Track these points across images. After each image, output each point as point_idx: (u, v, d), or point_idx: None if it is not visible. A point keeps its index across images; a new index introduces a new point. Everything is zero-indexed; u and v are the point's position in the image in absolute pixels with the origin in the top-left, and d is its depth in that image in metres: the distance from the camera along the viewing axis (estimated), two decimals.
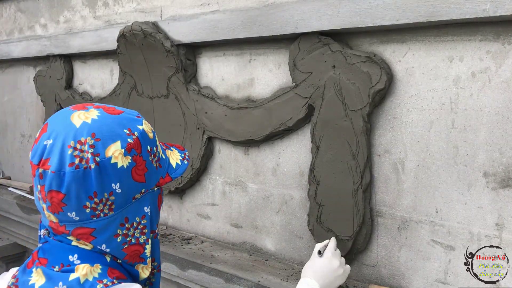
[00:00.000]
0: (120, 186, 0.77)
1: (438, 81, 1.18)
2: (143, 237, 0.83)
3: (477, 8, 1.04)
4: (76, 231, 0.77)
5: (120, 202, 0.78)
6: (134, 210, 0.81)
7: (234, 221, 1.69)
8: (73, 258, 0.78)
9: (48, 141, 0.75)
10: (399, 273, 1.29)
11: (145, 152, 0.80)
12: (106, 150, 0.75)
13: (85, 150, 0.74)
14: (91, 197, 0.75)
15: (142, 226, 0.82)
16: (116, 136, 0.77)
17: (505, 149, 1.09)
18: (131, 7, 1.93)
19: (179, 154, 0.93)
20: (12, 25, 2.68)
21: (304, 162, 1.46)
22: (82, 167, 0.73)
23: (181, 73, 1.70)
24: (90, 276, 0.76)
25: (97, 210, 0.76)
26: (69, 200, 0.74)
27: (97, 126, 0.76)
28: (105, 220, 0.77)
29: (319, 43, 1.34)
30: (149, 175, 0.82)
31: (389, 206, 1.30)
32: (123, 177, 0.77)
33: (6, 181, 2.83)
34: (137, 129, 0.80)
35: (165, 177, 0.86)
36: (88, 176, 0.74)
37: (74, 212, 0.76)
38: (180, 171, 0.89)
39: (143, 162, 0.80)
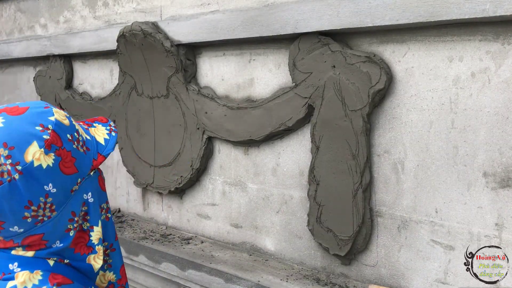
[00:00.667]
0: (54, 186, 0.73)
1: (438, 81, 1.18)
2: (86, 224, 0.81)
3: (476, 8, 1.04)
4: (26, 240, 0.75)
5: (59, 201, 0.75)
6: (76, 201, 0.78)
7: (234, 221, 1.69)
8: (13, 266, 0.75)
9: None
10: (399, 273, 1.29)
11: (67, 142, 0.76)
12: (25, 155, 0.70)
13: (2, 163, 0.69)
14: (27, 206, 0.71)
15: (83, 213, 0.80)
16: (30, 137, 0.72)
17: (504, 149, 1.09)
18: (131, 7, 1.94)
19: (103, 128, 0.89)
20: (12, 25, 2.68)
21: (304, 162, 1.46)
22: (6, 181, 0.69)
23: (181, 73, 1.70)
24: (29, 283, 0.73)
25: (38, 216, 0.73)
26: (5, 216, 0.71)
27: (6, 133, 0.71)
28: (51, 222, 0.75)
29: (319, 43, 1.34)
30: (79, 163, 0.78)
31: (389, 206, 1.30)
32: (53, 176, 0.73)
33: None
34: (49, 121, 0.75)
35: (97, 158, 0.83)
36: (15, 188, 0.70)
37: (16, 226, 0.73)
38: (111, 146, 0.85)
39: (68, 153, 0.76)
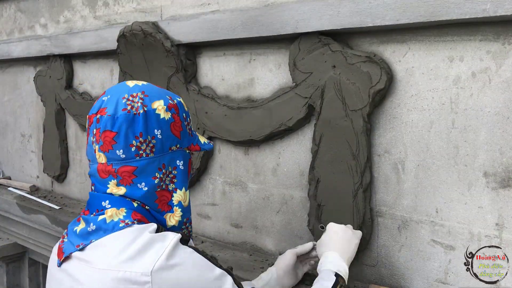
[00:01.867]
0: (161, 133, 0.93)
1: (438, 81, 1.18)
2: (172, 185, 0.97)
3: (477, 8, 1.04)
4: (121, 169, 0.91)
5: (159, 148, 0.93)
6: (169, 160, 0.96)
7: (234, 221, 1.69)
8: (105, 203, 0.92)
9: (106, 97, 0.94)
10: (399, 273, 1.29)
11: (182, 116, 0.98)
12: (152, 103, 0.93)
13: (135, 100, 0.92)
14: (137, 136, 0.90)
15: (172, 175, 0.97)
16: (160, 96, 0.96)
17: (505, 149, 1.09)
18: (131, 7, 1.94)
19: (205, 139, 1.10)
20: (12, 25, 2.68)
21: (304, 162, 1.46)
22: (132, 112, 0.91)
23: (181, 73, 1.70)
24: (115, 217, 0.89)
25: (140, 149, 0.91)
26: (119, 138, 0.90)
27: (146, 87, 0.96)
28: (146, 160, 0.92)
29: (319, 43, 1.34)
30: (183, 135, 0.99)
31: (389, 206, 1.30)
32: (163, 127, 0.94)
33: (6, 181, 2.83)
34: (176, 99, 1.00)
35: (195, 145, 1.03)
36: (136, 119, 0.91)
37: (121, 150, 0.90)
38: (208, 147, 1.07)
39: (179, 122, 0.97)
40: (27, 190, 2.65)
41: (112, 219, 0.89)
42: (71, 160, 2.43)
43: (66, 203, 2.37)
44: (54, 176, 2.49)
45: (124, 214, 0.90)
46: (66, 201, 2.42)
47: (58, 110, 2.39)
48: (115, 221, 0.89)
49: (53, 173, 2.49)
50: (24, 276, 2.82)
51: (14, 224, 2.56)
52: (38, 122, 2.62)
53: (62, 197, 2.50)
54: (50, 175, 2.53)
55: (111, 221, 0.89)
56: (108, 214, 0.89)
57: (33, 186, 2.67)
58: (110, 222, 0.89)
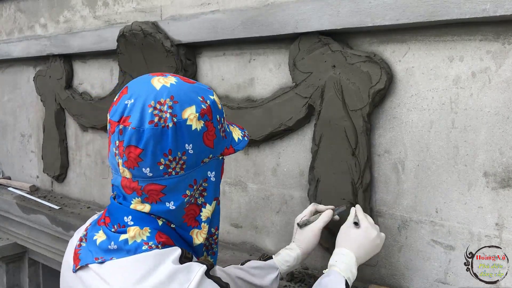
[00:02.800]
0: (193, 148, 0.82)
1: (438, 81, 1.18)
2: (201, 199, 0.88)
3: (477, 8, 1.04)
4: (148, 187, 0.82)
5: (191, 163, 0.83)
6: (201, 173, 0.86)
7: (234, 221, 1.69)
8: (127, 219, 0.83)
9: (129, 100, 0.81)
10: (399, 273, 1.29)
11: (215, 120, 0.87)
12: (183, 112, 0.81)
13: (164, 110, 0.80)
14: (165, 154, 0.80)
15: (202, 188, 0.88)
16: (191, 100, 0.83)
17: (505, 149, 1.09)
18: (131, 7, 1.93)
19: (239, 131, 0.99)
20: (12, 25, 2.68)
21: (304, 162, 1.46)
22: (160, 125, 0.79)
23: (181, 73, 1.70)
24: (138, 238, 0.81)
25: (169, 167, 0.81)
26: (145, 155, 0.80)
27: (175, 90, 0.82)
28: (176, 178, 0.83)
29: (319, 43, 1.34)
30: (217, 143, 0.87)
31: (389, 206, 1.30)
32: (195, 139, 0.83)
33: (6, 181, 2.83)
34: (209, 98, 0.86)
35: (229, 148, 0.92)
36: (165, 134, 0.79)
37: (148, 168, 0.81)
38: (242, 146, 0.96)
39: (213, 129, 0.86)
40: (27, 190, 2.65)
41: (135, 239, 0.82)
42: (71, 160, 2.43)
43: (66, 203, 2.37)
44: (54, 176, 2.49)
45: (148, 235, 0.82)
46: (66, 201, 2.42)
47: (58, 110, 2.38)
48: (138, 242, 0.81)
49: (53, 173, 2.49)
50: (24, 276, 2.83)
51: (14, 224, 2.56)
52: (38, 122, 2.61)
53: (62, 197, 2.50)
54: (50, 175, 2.53)
55: (134, 242, 0.81)
56: (130, 234, 0.82)
57: (33, 186, 2.67)
58: (132, 244, 0.81)
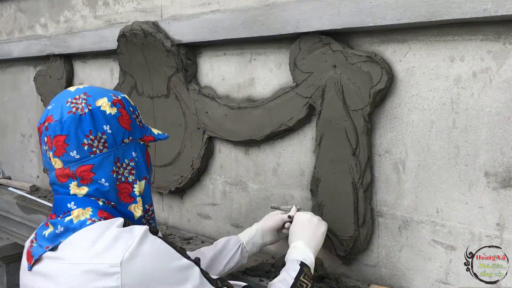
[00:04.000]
0: (110, 128, 0.95)
1: (439, 81, 1.18)
2: (131, 177, 0.99)
3: (478, 7, 1.04)
4: (79, 169, 0.93)
5: (111, 142, 0.95)
6: (124, 152, 0.98)
7: (235, 221, 1.69)
8: (70, 205, 0.93)
9: (50, 106, 0.96)
10: (400, 273, 1.29)
11: (129, 110, 1.00)
12: (96, 101, 0.96)
13: (79, 102, 0.94)
14: (87, 135, 0.93)
15: (130, 167, 0.99)
16: (103, 94, 0.98)
17: (506, 149, 1.09)
18: (131, 7, 1.93)
19: (157, 130, 1.11)
20: (13, 25, 2.68)
21: (304, 162, 1.46)
22: (78, 113, 0.93)
23: (182, 72, 1.70)
24: (82, 217, 0.91)
25: (93, 147, 0.93)
26: (69, 139, 0.92)
27: (88, 89, 0.99)
28: (101, 156, 0.94)
29: (320, 43, 1.33)
30: (134, 127, 1.00)
31: (390, 206, 1.30)
32: (111, 121, 0.96)
33: (6, 181, 2.83)
34: (120, 95, 1.02)
35: (148, 136, 1.05)
36: (83, 119, 0.93)
37: (75, 151, 0.92)
38: (162, 136, 1.08)
39: (127, 115, 0.99)
40: (27, 190, 2.65)
41: (79, 219, 0.90)
42: None
43: None
44: None
45: (91, 213, 0.92)
46: None
47: None
48: (82, 220, 0.90)
49: None
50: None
51: (14, 224, 2.56)
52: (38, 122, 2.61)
53: None
54: None
55: (78, 221, 0.90)
56: (74, 215, 0.91)
57: (33, 186, 2.67)
58: (77, 222, 0.90)
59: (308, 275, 1.12)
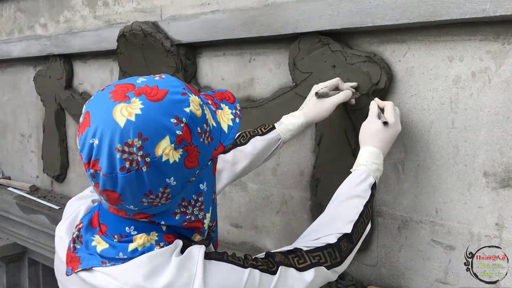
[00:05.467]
0: (175, 179, 0.76)
1: (438, 81, 1.18)
2: (201, 214, 0.83)
3: (477, 8, 1.04)
4: (136, 216, 0.79)
5: (176, 191, 0.77)
6: (190, 190, 0.80)
7: (234, 221, 1.69)
8: (129, 229, 0.79)
9: (94, 140, 0.72)
10: (399, 273, 1.29)
11: (196, 136, 0.77)
12: (156, 148, 0.72)
13: (134, 152, 0.71)
14: (146, 194, 0.75)
15: (200, 203, 0.82)
16: (163, 130, 0.72)
17: (505, 149, 1.09)
18: (131, 7, 1.94)
19: (229, 112, 0.90)
20: (12, 25, 2.68)
21: (304, 162, 1.46)
22: (133, 170, 0.72)
23: (181, 73, 1.70)
24: (147, 243, 0.79)
25: (154, 202, 0.76)
26: (125, 198, 0.75)
27: (142, 123, 0.71)
28: (163, 207, 0.78)
29: (319, 43, 1.34)
30: (202, 156, 0.79)
31: (389, 206, 1.30)
32: (176, 171, 0.75)
33: (6, 181, 2.83)
34: (184, 113, 0.75)
35: (218, 148, 0.83)
36: (140, 177, 0.73)
37: (132, 206, 0.76)
38: (232, 136, 0.86)
39: (194, 149, 0.77)
40: (27, 190, 2.65)
41: (145, 245, 0.79)
42: (71, 160, 2.43)
43: (66, 203, 2.37)
44: (54, 176, 2.49)
45: (156, 238, 0.80)
46: (66, 201, 2.41)
47: (58, 110, 2.39)
48: (147, 246, 0.79)
49: (53, 173, 2.49)
50: (24, 276, 2.83)
51: (14, 224, 2.56)
52: (37, 122, 2.61)
53: (62, 197, 2.50)
54: (50, 175, 2.53)
55: (143, 248, 0.79)
56: (139, 242, 0.79)
57: (33, 186, 2.67)
58: (142, 249, 0.79)
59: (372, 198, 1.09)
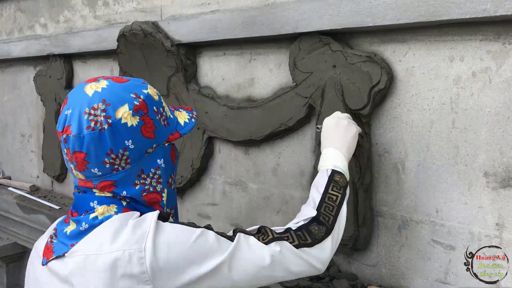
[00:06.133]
0: (133, 143, 0.88)
1: (439, 81, 1.18)
2: (159, 186, 0.95)
3: (477, 7, 1.04)
4: (100, 184, 0.89)
5: (134, 157, 0.89)
6: (148, 163, 0.92)
7: (235, 221, 1.69)
8: (93, 204, 0.90)
9: (68, 111, 0.88)
10: (399, 273, 1.29)
11: (152, 112, 0.92)
12: (116, 112, 0.87)
13: (98, 114, 0.86)
14: (108, 153, 0.87)
15: (157, 176, 0.94)
16: (123, 100, 0.88)
17: (505, 149, 1.09)
18: (131, 7, 1.93)
19: (187, 114, 1.04)
20: (12, 24, 2.68)
21: (304, 162, 1.46)
22: (97, 129, 0.86)
23: (181, 73, 1.70)
24: (106, 213, 0.89)
25: (115, 164, 0.88)
26: (90, 158, 0.87)
27: (107, 93, 0.88)
28: (123, 172, 0.89)
29: (320, 43, 1.34)
30: (158, 132, 0.93)
31: (389, 206, 1.30)
32: (134, 135, 0.88)
33: (6, 181, 2.83)
34: (142, 93, 0.91)
35: (174, 134, 0.97)
36: (103, 136, 0.86)
37: (96, 168, 0.88)
38: (188, 128, 1.00)
39: (150, 121, 0.91)
40: (27, 190, 2.65)
41: (104, 215, 0.88)
42: None
43: (66, 203, 2.37)
44: (54, 176, 2.49)
45: (115, 209, 0.90)
46: (66, 201, 2.42)
47: (58, 110, 2.38)
48: (106, 216, 0.88)
49: (53, 173, 2.49)
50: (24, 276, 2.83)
51: (14, 224, 2.56)
52: (38, 122, 2.61)
53: (62, 197, 2.50)
54: (50, 175, 2.53)
55: (103, 217, 0.88)
56: (99, 212, 0.89)
57: (33, 186, 2.67)
58: (102, 218, 0.88)
59: (340, 182, 1.03)
